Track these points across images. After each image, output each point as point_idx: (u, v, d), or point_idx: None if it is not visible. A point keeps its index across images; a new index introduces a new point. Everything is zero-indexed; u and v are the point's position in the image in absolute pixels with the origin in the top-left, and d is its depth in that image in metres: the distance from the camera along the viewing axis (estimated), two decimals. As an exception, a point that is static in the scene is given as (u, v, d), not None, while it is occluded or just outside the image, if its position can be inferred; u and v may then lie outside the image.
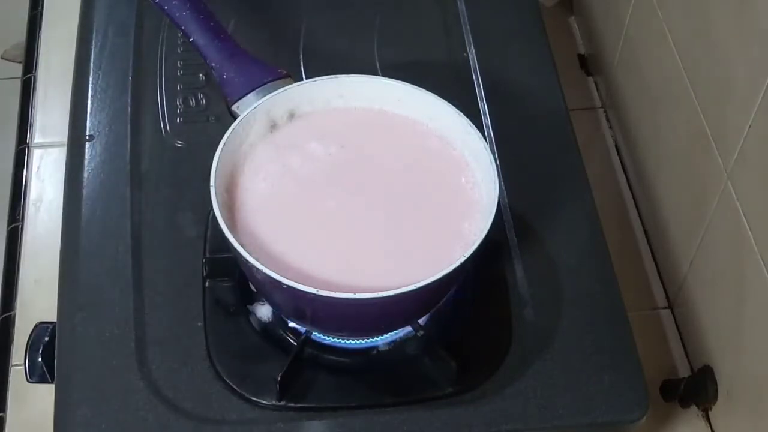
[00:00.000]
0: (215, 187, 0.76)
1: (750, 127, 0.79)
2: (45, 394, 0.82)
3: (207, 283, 0.85)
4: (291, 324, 0.82)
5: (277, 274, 0.71)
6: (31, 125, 1.05)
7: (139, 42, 1.03)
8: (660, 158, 1.01)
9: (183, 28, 0.90)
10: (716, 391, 0.89)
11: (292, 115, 0.84)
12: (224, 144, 0.78)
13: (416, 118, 0.84)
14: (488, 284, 0.86)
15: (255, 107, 0.82)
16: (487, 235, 0.74)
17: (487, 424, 0.80)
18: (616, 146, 1.13)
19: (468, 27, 1.06)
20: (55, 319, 0.84)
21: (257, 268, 0.71)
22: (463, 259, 0.73)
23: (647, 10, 1.00)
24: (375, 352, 0.83)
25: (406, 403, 0.80)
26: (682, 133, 0.94)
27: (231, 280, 0.84)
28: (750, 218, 0.81)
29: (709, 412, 0.92)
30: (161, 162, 0.94)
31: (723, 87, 0.84)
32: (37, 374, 0.84)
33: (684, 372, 0.95)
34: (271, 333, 0.83)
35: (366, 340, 0.83)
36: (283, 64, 0.90)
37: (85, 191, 0.92)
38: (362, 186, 0.81)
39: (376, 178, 0.81)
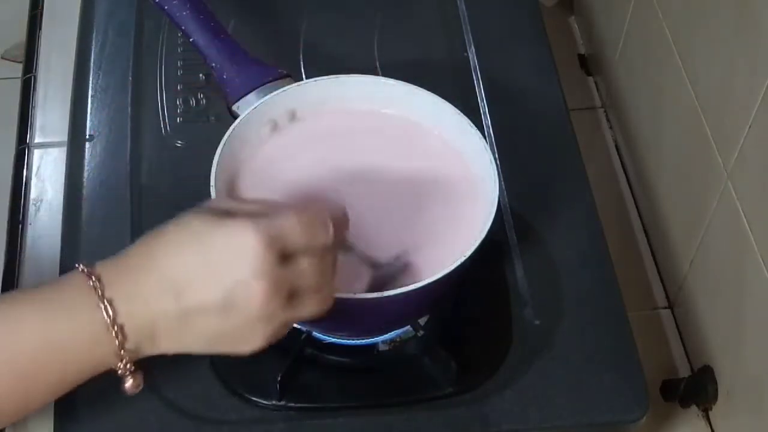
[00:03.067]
0: (215, 187, 0.75)
1: (750, 127, 0.79)
2: (45, 394, 0.82)
3: (207, 283, 0.85)
4: (291, 324, 0.82)
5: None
6: (31, 125, 1.05)
7: (139, 42, 1.03)
8: (660, 158, 1.01)
9: (183, 28, 0.90)
10: (716, 391, 0.89)
11: (292, 115, 0.84)
12: (224, 144, 0.78)
13: (416, 118, 0.84)
14: (488, 284, 0.86)
15: (255, 107, 0.82)
16: (487, 235, 0.74)
17: (487, 424, 0.80)
18: (616, 146, 1.13)
19: (468, 27, 1.06)
20: (55, 319, 0.84)
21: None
22: (463, 259, 0.73)
23: (647, 10, 1.00)
24: (375, 352, 0.83)
25: (406, 403, 0.81)
26: (682, 133, 0.94)
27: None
28: (750, 218, 0.81)
29: (709, 412, 0.92)
30: (161, 162, 0.94)
31: (723, 87, 0.84)
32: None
33: (684, 372, 0.95)
34: (271, 333, 0.83)
35: (366, 339, 0.83)
36: (283, 64, 0.90)
37: (85, 191, 0.92)
38: (362, 186, 0.81)
39: (376, 178, 0.81)
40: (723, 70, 0.84)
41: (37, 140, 1.04)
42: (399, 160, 0.83)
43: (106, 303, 0.60)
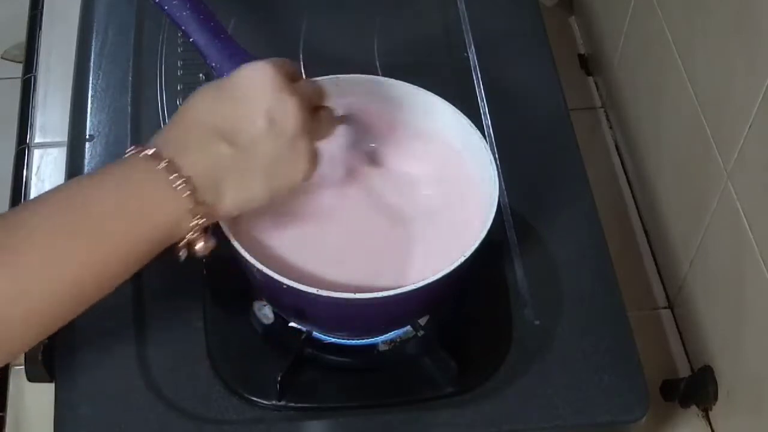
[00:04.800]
0: (215, 187, 0.75)
1: (750, 127, 0.79)
2: (45, 394, 0.82)
3: (207, 283, 0.85)
4: (291, 323, 0.82)
5: (278, 274, 0.71)
6: (31, 125, 1.05)
7: (139, 42, 1.03)
8: (660, 158, 1.01)
9: (183, 28, 0.90)
10: (716, 391, 0.89)
11: (292, 115, 0.83)
12: (224, 144, 0.78)
13: (416, 119, 0.84)
14: (488, 284, 0.86)
15: (255, 107, 0.82)
16: (487, 235, 0.74)
17: (487, 424, 0.80)
18: (616, 146, 1.13)
19: (468, 27, 1.06)
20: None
21: (257, 268, 0.71)
22: (463, 259, 0.73)
23: (647, 10, 1.00)
24: (375, 352, 0.83)
25: (406, 403, 0.81)
26: (682, 133, 0.94)
27: (231, 280, 0.83)
28: (750, 218, 0.81)
29: (709, 412, 0.92)
30: (161, 162, 0.94)
31: (723, 87, 0.84)
32: (37, 374, 0.83)
33: (684, 372, 0.95)
34: (271, 333, 0.83)
35: (366, 339, 0.83)
36: (283, 64, 0.90)
37: (85, 191, 0.92)
38: (362, 186, 0.81)
39: (375, 178, 0.81)
40: (723, 70, 0.84)
41: (37, 140, 1.04)
42: (399, 160, 0.83)
43: (166, 163, 0.66)
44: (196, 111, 0.69)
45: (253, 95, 0.69)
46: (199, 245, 0.68)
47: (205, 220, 0.67)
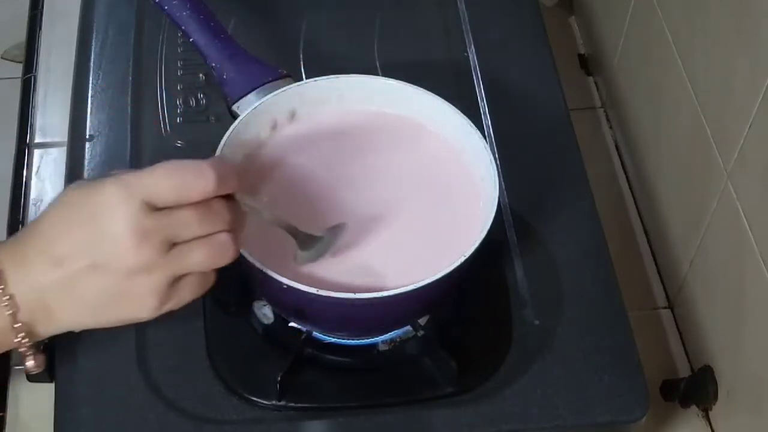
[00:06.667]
0: (215, 187, 0.75)
1: (750, 127, 0.79)
2: (45, 394, 0.82)
3: (207, 283, 0.85)
4: (291, 323, 0.82)
5: (278, 274, 0.71)
6: (31, 125, 1.05)
7: (139, 42, 1.03)
8: (660, 158, 1.01)
9: (183, 28, 0.90)
10: (716, 391, 0.89)
11: (292, 116, 0.84)
12: (224, 144, 0.78)
13: (416, 118, 0.84)
14: (488, 284, 0.86)
15: (255, 107, 0.82)
16: (487, 235, 0.74)
17: (487, 424, 0.80)
18: (616, 146, 1.13)
19: (468, 27, 1.06)
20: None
21: (257, 268, 0.71)
22: (463, 259, 0.73)
23: (647, 10, 1.00)
24: (375, 352, 0.83)
25: (406, 403, 0.81)
26: (682, 133, 0.94)
27: (231, 279, 0.83)
28: (750, 218, 0.81)
29: (709, 412, 0.92)
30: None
31: (723, 87, 0.84)
32: (37, 374, 0.83)
33: (684, 372, 0.95)
34: (271, 333, 0.83)
35: (366, 339, 0.83)
36: (283, 64, 0.90)
37: (85, 191, 0.92)
38: (362, 186, 0.81)
39: (375, 178, 0.81)
40: (723, 70, 0.84)
41: (37, 140, 1.04)
42: (399, 160, 0.83)
43: None
44: (47, 220, 0.64)
45: (89, 223, 0.62)
46: (29, 363, 0.65)
47: (27, 339, 0.64)
